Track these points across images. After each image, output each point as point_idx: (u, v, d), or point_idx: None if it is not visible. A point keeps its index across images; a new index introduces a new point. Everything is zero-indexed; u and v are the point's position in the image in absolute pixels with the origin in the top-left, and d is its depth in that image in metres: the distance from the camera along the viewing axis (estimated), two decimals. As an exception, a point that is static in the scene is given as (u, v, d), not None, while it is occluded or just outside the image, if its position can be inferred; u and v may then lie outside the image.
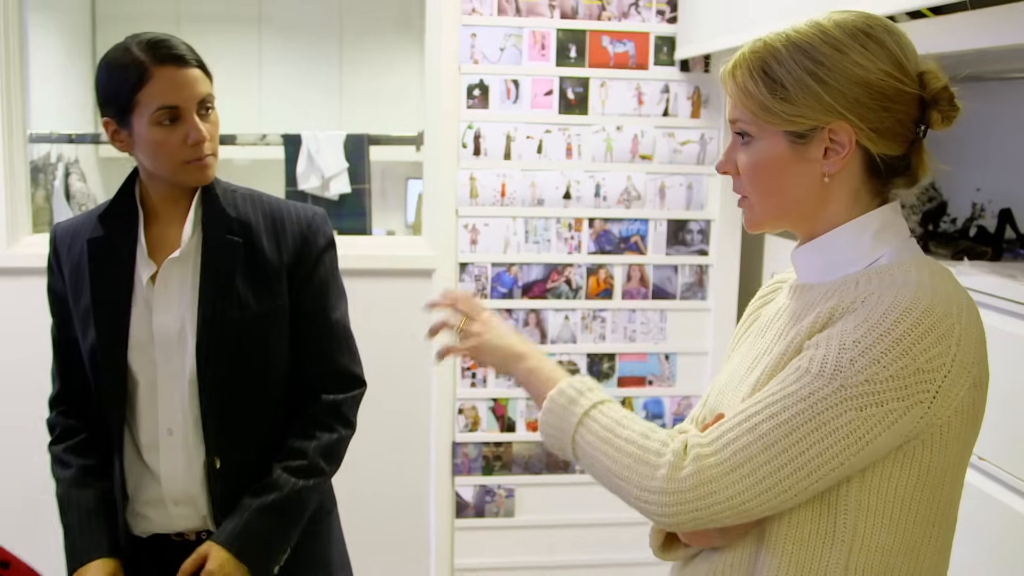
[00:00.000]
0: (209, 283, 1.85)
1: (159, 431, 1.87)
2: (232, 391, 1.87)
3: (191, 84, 1.79)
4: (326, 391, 1.96)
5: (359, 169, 4.02)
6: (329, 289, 1.99)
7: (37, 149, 4.49)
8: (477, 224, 3.45)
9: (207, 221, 1.88)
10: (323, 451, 1.92)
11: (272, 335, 1.91)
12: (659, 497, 1.31)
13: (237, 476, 1.88)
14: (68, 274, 1.93)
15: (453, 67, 3.41)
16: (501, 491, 3.57)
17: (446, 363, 3.47)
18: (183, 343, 1.85)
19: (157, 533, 1.93)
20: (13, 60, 3.34)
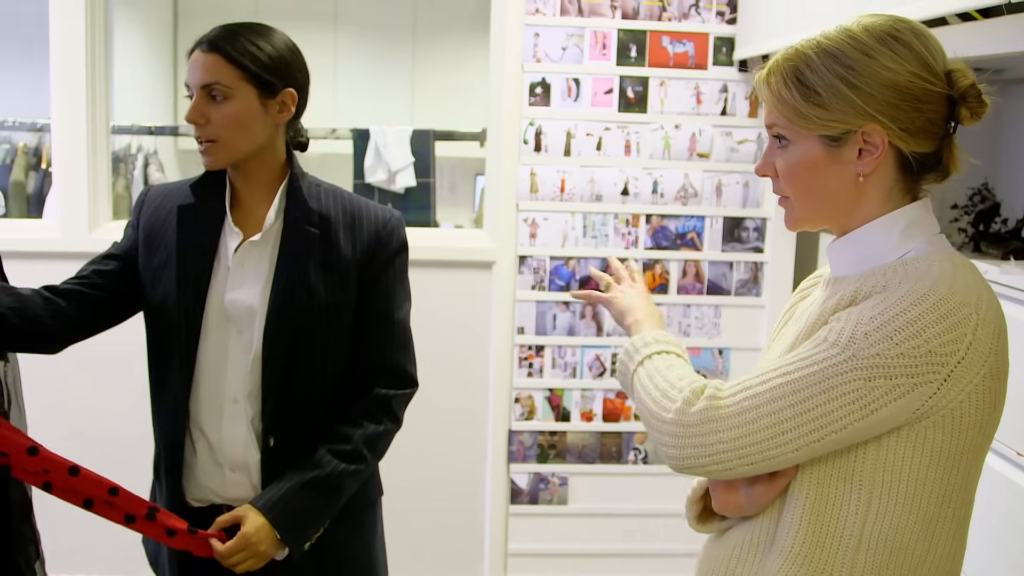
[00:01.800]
0: (283, 269, 1.93)
1: (225, 398, 1.96)
2: (292, 373, 1.94)
3: (200, 68, 1.87)
4: (380, 385, 2.02)
5: (425, 163, 4.13)
6: (396, 290, 2.05)
7: (118, 140, 4.67)
8: (537, 218, 3.54)
9: (289, 210, 1.97)
10: (368, 440, 1.99)
11: (335, 326, 1.98)
12: (669, 428, 1.40)
13: (288, 456, 1.96)
14: (144, 228, 2.02)
15: (516, 65, 3.49)
16: (555, 479, 3.66)
17: (504, 353, 3.56)
18: (252, 321, 1.94)
19: (212, 503, 2.00)
20: (99, 54, 3.49)
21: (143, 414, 2.12)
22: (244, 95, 1.88)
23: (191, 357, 1.96)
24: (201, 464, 1.99)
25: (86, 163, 3.45)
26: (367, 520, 2.14)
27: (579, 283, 3.56)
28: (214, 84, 1.86)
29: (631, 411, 3.63)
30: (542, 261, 3.55)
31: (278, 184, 1.99)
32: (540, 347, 3.59)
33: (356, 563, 2.11)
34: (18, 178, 4.75)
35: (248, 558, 1.87)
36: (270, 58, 1.91)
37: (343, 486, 1.97)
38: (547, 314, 3.57)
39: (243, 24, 1.93)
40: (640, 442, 3.65)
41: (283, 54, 1.94)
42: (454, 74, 6.65)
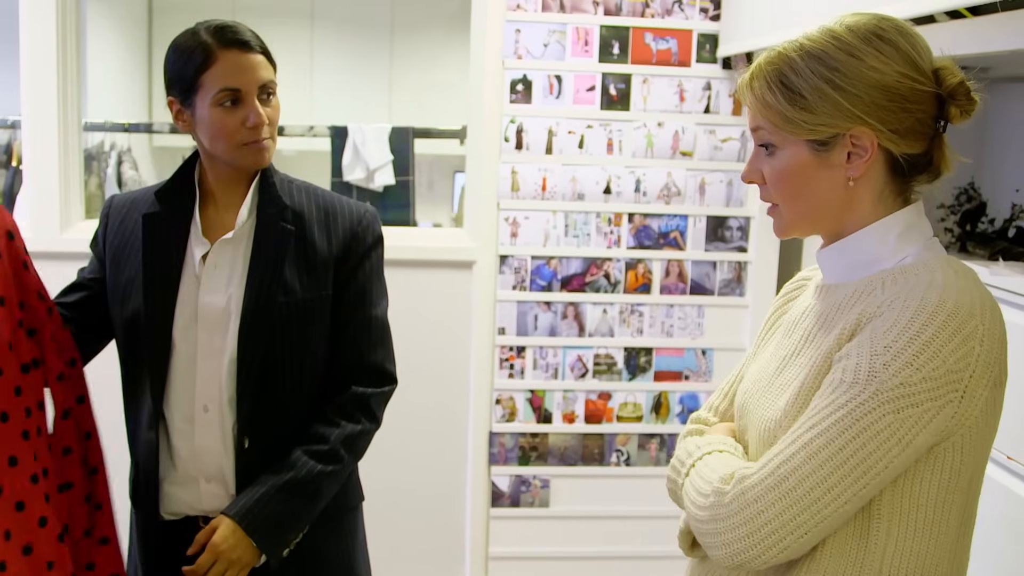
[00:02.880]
0: (259, 267, 1.90)
1: (196, 407, 1.91)
2: (269, 374, 1.91)
3: (253, 68, 1.86)
4: (357, 383, 1.99)
5: (404, 161, 4.09)
6: (373, 285, 2.03)
7: (91, 137, 4.60)
8: (518, 217, 3.49)
9: (262, 207, 1.94)
10: (345, 440, 1.95)
11: (313, 324, 1.95)
12: (709, 526, 1.35)
13: (264, 457, 1.92)
14: (111, 245, 1.99)
15: (497, 62, 3.45)
16: (536, 481, 3.62)
17: (484, 354, 3.52)
18: (227, 323, 1.90)
19: (187, 515, 1.95)
20: (70, 50, 3.42)
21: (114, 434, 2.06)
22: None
23: (162, 369, 1.92)
24: (175, 477, 1.94)
25: (57, 161, 3.38)
26: (348, 524, 2.10)
27: (561, 283, 3.51)
28: (269, 83, 1.89)
29: (613, 413, 3.59)
30: (523, 261, 3.51)
31: (250, 181, 1.96)
32: (521, 348, 3.55)
33: (338, 569, 2.07)
34: (-12, 176, 4.69)
35: (224, 569, 1.83)
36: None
37: (321, 488, 1.92)
38: (528, 314, 3.53)
39: (233, 22, 1.92)
40: (622, 444, 3.61)
41: None
42: (432, 71, 6.61)
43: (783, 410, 1.40)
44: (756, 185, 1.48)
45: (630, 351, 3.58)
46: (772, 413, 1.42)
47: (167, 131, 4.26)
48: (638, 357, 3.58)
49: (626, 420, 3.61)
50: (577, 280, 3.52)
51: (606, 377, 3.58)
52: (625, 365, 3.58)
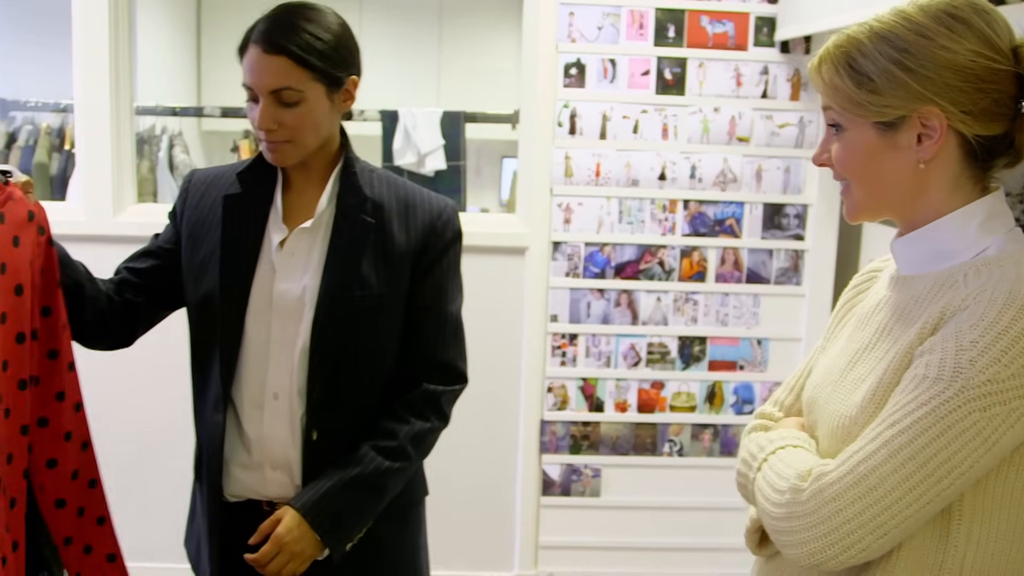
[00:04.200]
0: (336, 258, 1.86)
1: (266, 394, 1.88)
2: (340, 366, 1.87)
3: (264, 72, 1.77)
4: (428, 380, 1.94)
5: (455, 146, 4.05)
6: (449, 282, 1.97)
7: (142, 121, 4.61)
8: (571, 203, 3.45)
9: (343, 197, 1.89)
10: (413, 437, 1.91)
11: (387, 318, 1.90)
12: (784, 524, 1.31)
13: (331, 450, 1.88)
14: (188, 220, 1.96)
15: (550, 46, 3.40)
16: (588, 471, 3.58)
17: (536, 341, 3.48)
18: (301, 312, 1.86)
19: (250, 499, 1.94)
20: (122, 34, 3.42)
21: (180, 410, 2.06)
22: (314, 95, 1.80)
23: (233, 352, 1.89)
24: (241, 461, 1.92)
25: (110, 145, 3.39)
26: (412, 519, 2.06)
27: (614, 270, 3.47)
28: (284, 89, 1.77)
29: (666, 402, 3.55)
30: (576, 247, 3.47)
31: (331, 169, 1.91)
32: (574, 335, 3.51)
33: (400, 563, 2.04)
34: (41, 160, 4.69)
35: (286, 561, 1.81)
36: (334, 50, 1.81)
37: (386, 484, 1.89)
38: (581, 302, 3.49)
39: (294, 10, 1.81)
40: (675, 434, 3.57)
41: (343, 40, 1.84)
42: (481, 55, 6.57)
43: (859, 406, 1.35)
44: (826, 168, 1.44)
45: (684, 340, 3.53)
46: (846, 409, 1.37)
47: (218, 115, 4.25)
48: (692, 346, 3.53)
49: (679, 410, 3.56)
50: (631, 267, 3.47)
51: (659, 366, 3.53)
52: (679, 354, 3.53)
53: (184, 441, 2.09)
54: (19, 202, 1.73)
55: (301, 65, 1.77)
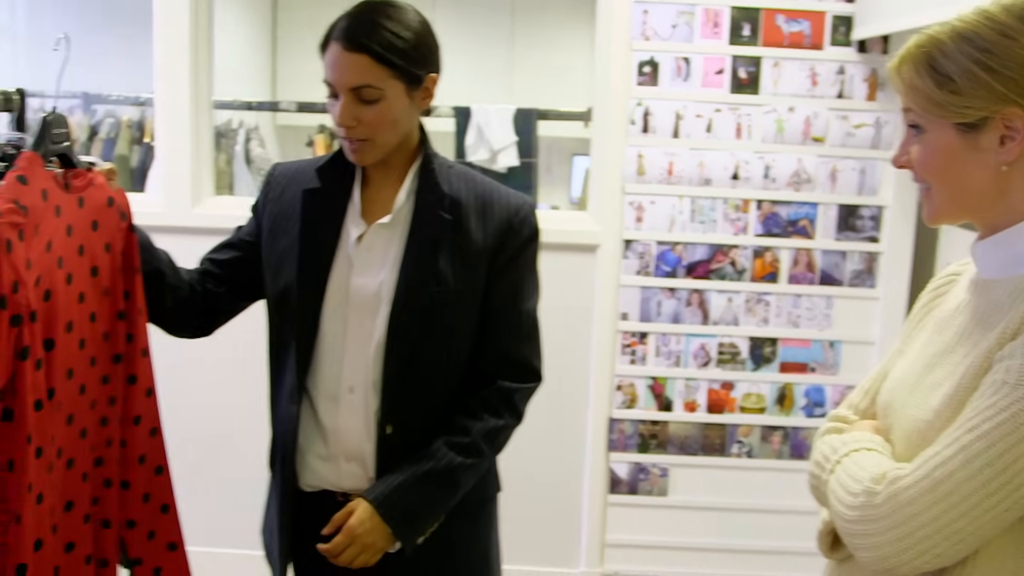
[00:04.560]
0: (412, 254, 1.87)
1: (341, 387, 1.90)
2: (415, 362, 1.88)
3: (344, 70, 1.78)
4: (503, 378, 1.94)
5: (527, 143, 4.06)
6: (525, 279, 1.97)
7: (220, 116, 4.68)
8: (643, 202, 3.44)
9: (421, 193, 1.89)
10: (486, 434, 1.91)
11: (463, 315, 1.91)
12: (857, 527, 1.30)
13: (405, 444, 1.89)
14: (270, 214, 1.99)
15: (624, 43, 3.40)
16: (655, 469, 3.57)
17: (606, 339, 3.48)
18: (377, 307, 1.88)
19: (325, 489, 1.95)
20: (202, 29, 3.49)
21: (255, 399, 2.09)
22: (394, 92, 1.80)
23: (309, 345, 1.91)
24: (317, 452, 1.94)
25: (189, 138, 3.45)
26: (484, 515, 2.07)
27: (685, 269, 3.45)
28: (364, 87, 1.78)
29: (736, 403, 3.53)
30: (648, 246, 3.46)
31: (410, 165, 1.92)
32: (644, 334, 3.50)
33: (472, 559, 2.04)
34: (122, 152, 4.79)
35: (358, 552, 1.83)
36: (414, 48, 1.81)
37: (459, 480, 1.90)
38: (652, 300, 3.48)
39: (375, 7, 1.82)
40: (744, 435, 3.54)
41: (423, 38, 1.84)
42: (553, 53, 6.56)
43: (935, 410, 1.33)
44: (905, 170, 1.42)
45: (755, 341, 3.50)
46: (922, 413, 1.36)
47: (293, 109, 4.30)
48: (763, 347, 3.50)
49: (749, 411, 3.54)
50: (702, 267, 3.46)
51: (729, 366, 3.51)
52: (749, 355, 3.51)
53: (259, 430, 2.12)
54: (100, 188, 1.79)
55: (381, 63, 1.77)
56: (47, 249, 1.60)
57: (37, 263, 1.56)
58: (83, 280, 1.71)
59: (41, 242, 1.58)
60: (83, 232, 1.72)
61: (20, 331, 1.50)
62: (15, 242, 1.49)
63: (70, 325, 1.66)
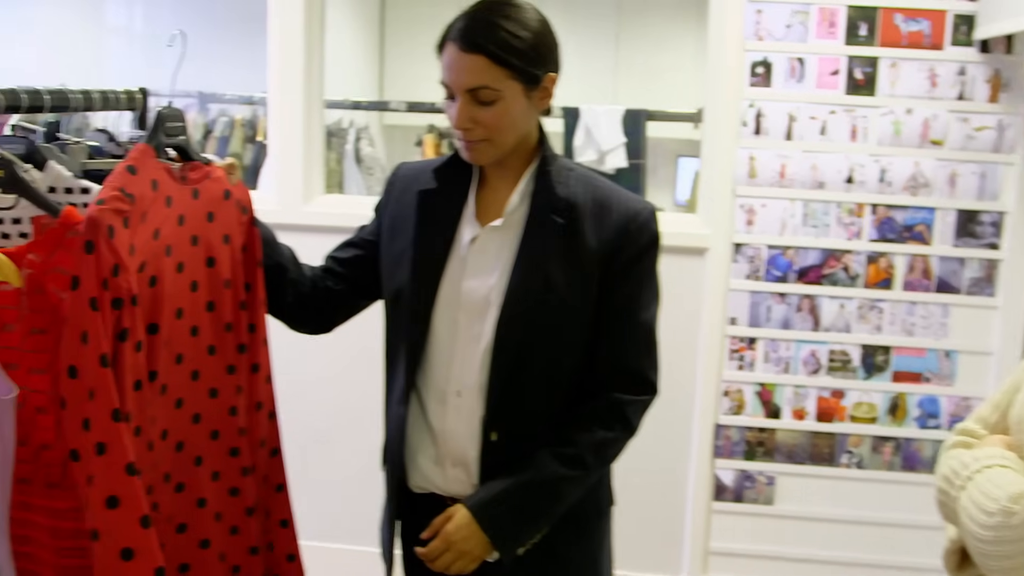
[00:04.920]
0: (524, 257, 1.84)
1: (449, 390, 1.89)
2: (522, 368, 1.84)
3: (461, 71, 1.76)
4: (616, 389, 1.89)
5: (636, 144, 4.03)
6: (643, 288, 1.90)
7: (330, 115, 4.75)
8: (754, 205, 3.38)
9: (536, 195, 1.86)
10: (594, 446, 1.87)
11: (574, 322, 1.86)
12: (991, 548, 1.26)
13: (510, 452, 1.86)
14: (390, 214, 1.99)
15: (737, 44, 3.34)
16: (762, 477, 3.51)
17: (714, 344, 3.43)
18: (486, 310, 1.85)
19: (433, 492, 1.94)
20: (315, 30, 3.53)
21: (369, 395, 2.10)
22: (512, 93, 1.78)
23: (420, 346, 1.90)
24: (428, 454, 1.94)
25: (301, 136, 3.50)
26: (594, 529, 2.01)
27: (797, 274, 3.38)
28: (481, 88, 1.76)
29: (846, 412, 3.44)
30: (758, 249, 3.40)
31: (527, 166, 1.89)
32: (752, 339, 3.44)
33: (579, 573, 1.99)
34: (235, 150, 4.89)
35: (454, 559, 1.82)
36: (532, 47, 1.78)
37: (562, 492, 1.86)
38: (761, 305, 3.42)
39: (492, 6, 1.79)
40: (854, 445, 3.46)
41: (542, 38, 1.81)
42: (659, 53, 6.49)
43: None
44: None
45: (867, 348, 3.42)
46: None
47: (403, 109, 4.33)
48: (875, 355, 3.41)
49: (860, 420, 3.45)
50: (814, 272, 3.39)
51: (840, 374, 3.43)
52: (861, 363, 3.42)
53: (374, 426, 2.13)
54: (217, 181, 1.82)
55: (498, 64, 1.75)
56: (154, 237, 1.63)
57: (142, 249, 1.59)
58: (197, 269, 1.74)
59: (148, 230, 1.61)
60: (197, 223, 1.75)
61: (120, 314, 1.53)
62: (118, 228, 1.52)
63: (179, 312, 1.70)
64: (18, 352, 1.56)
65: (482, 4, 1.81)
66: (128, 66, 6.15)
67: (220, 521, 1.84)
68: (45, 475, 1.59)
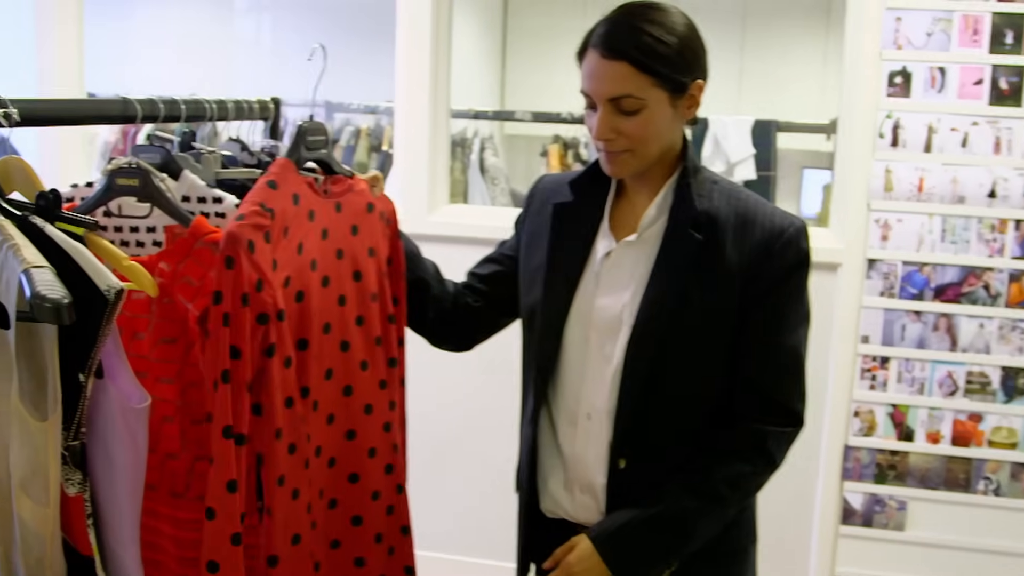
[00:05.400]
0: (659, 274, 1.75)
1: (580, 412, 1.82)
2: (654, 392, 1.75)
3: (602, 79, 1.68)
4: (756, 418, 1.77)
5: (765, 156, 3.94)
6: (788, 311, 1.77)
7: (454, 125, 4.76)
8: (890, 219, 3.26)
9: (674, 209, 1.77)
10: (730, 479, 1.76)
11: (710, 344, 1.75)
12: None
13: (638, 481, 1.78)
14: (528, 229, 1.95)
15: (874, 53, 3.23)
16: (892, 502, 3.38)
17: (845, 363, 3.32)
18: (618, 329, 1.77)
19: (563, 518, 1.88)
20: (442, 40, 3.54)
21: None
22: (656, 102, 1.69)
23: (551, 366, 1.85)
24: (558, 478, 1.88)
25: (427, 146, 3.50)
26: (732, 566, 1.91)
27: (934, 291, 3.25)
28: (624, 97, 1.67)
29: (984, 436, 3.30)
30: (893, 266, 3.28)
31: (667, 178, 1.80)
32: (885, 359, 3.32)
33: None
34: (361, 159, 4.93)
35: None
36: (678, 53, 1.69)
37: (692, 527, 1.76)
38: (895, 323, 3.29)
39: (635, 10, 1.71)
40: (992, 471, 3.31)
41: (688, 43, 1.73)
42: (784, 63, 6.36)
43: None
44: None
45: (1008, 371, 3.26)
46: None
47: (528, 119, 4.31)
48: (1017, 378, 3.26)
49: (998, 446, 3.30)
50: (952, 290, 3.25)
51: (978, 397, 3.28)
52: (1001, 386, 3.27)
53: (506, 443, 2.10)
54: (359, 194, 1.82)
55: (642, 71, 1.66)
56: (298, 251, 1.62)
57: (286, 264, 1.59)
58: (343, 283, 1.73)
59: (291, 244, 1.61)
60: (341, 236, 1.74)
61: (267, 329, 1.53)
62: (259, 243, 1.52)
63: (327, 326, 1.69)
64: (147, 361, 1.57)
65: (625, 8, 1.73)
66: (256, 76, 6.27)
67: (380, 543, 1.83)
68: (170, 484, 1.61)
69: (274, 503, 1.59)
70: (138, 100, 1.66)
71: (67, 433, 1.37)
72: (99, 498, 1.45)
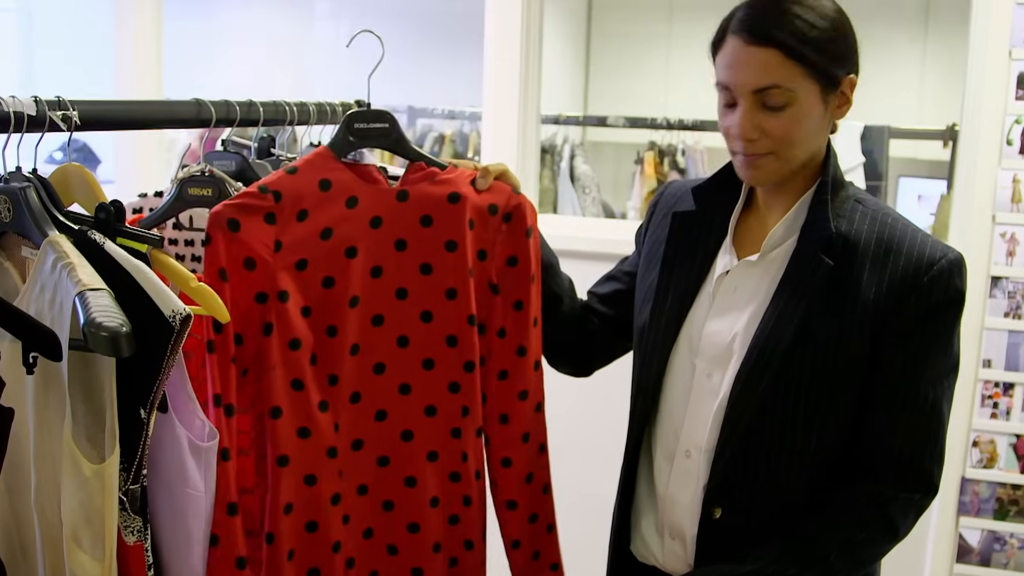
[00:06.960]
0: (780, 301, 1.55)
1: (678, 449, 1.64)
2: (760, 435, 1.56)
3: (746, 68, 1.49)
4: (879, 479, 1.57)
5: (874, 164, 3.71)
6: (931, 356, 1.55)
7: (542, 131, 4.62)
8: (1017, 233, 3.02)
9: (806, 228, 1.58)
10: (841, 546, 1.54)
11: (831, 384, 1.55)
12: None
13: (734, 535, 1.59)
14: (648, 241, 1.79)
15: (1001, 52, 2.99)
16: (1014, 540, 3.13)
17: (965, 389, 3.08)
18: (727, 361, 1.59)
19: (653, 566, 1.72)
20: (532, 45, 3.44)
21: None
22: (807, 96, 1.51)
23: (653, 395, 1.67)
24: (647, 519, 1.71)
25: (515, 152, 3.40)
26: None
27: (1065, 313, 3.01)
28: (772, 88, 1.49)
29: (1118, 471, 3.04)
30: (1019, 285, 3.03)
31: (803, 192, 1.61)
32: (1009, 385, 3.08)
33: None
34: (442, 166, 4.82)
35: None
36: (831, 41, 1.51)
37: None
38: (1021, 347, 3.05)
39: None
40: None
41: (841, 30, 1.53)
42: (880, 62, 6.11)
43: None
44: None
45: None
46: None
47: (621, 124, 4.15)
48: None
49: None
50: (1090, 312, 3.01)
51: (1113, 428, 3.04)
52: None
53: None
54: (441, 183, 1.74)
55: (793, 58, 1.48)
56: (322, 236, 1.56)
57: (298, 247, 1.55)
58: (405, 276, 1.63)
59: (310, 228, 1.56)
60: (404, 227, 1.63)
61: (264, 308, 1.53)
62: (247, 223, 1.50)
63: (378, 318, 1.62)
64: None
65: None
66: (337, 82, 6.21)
67: (439, 552, 1.71)
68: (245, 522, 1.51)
69: (280, 485, 1.55)
70: (212, 102, 1.58)
71: (126, 475, 1.24)
72: (161, 548, 1.34)
